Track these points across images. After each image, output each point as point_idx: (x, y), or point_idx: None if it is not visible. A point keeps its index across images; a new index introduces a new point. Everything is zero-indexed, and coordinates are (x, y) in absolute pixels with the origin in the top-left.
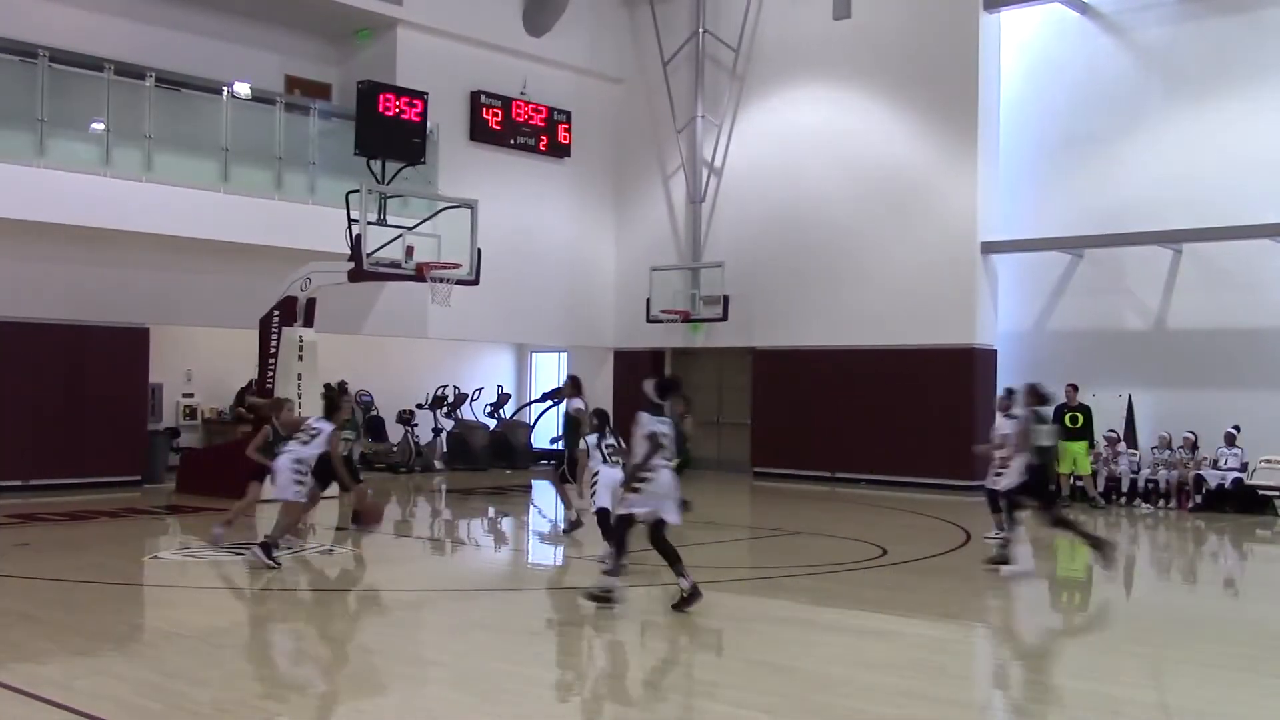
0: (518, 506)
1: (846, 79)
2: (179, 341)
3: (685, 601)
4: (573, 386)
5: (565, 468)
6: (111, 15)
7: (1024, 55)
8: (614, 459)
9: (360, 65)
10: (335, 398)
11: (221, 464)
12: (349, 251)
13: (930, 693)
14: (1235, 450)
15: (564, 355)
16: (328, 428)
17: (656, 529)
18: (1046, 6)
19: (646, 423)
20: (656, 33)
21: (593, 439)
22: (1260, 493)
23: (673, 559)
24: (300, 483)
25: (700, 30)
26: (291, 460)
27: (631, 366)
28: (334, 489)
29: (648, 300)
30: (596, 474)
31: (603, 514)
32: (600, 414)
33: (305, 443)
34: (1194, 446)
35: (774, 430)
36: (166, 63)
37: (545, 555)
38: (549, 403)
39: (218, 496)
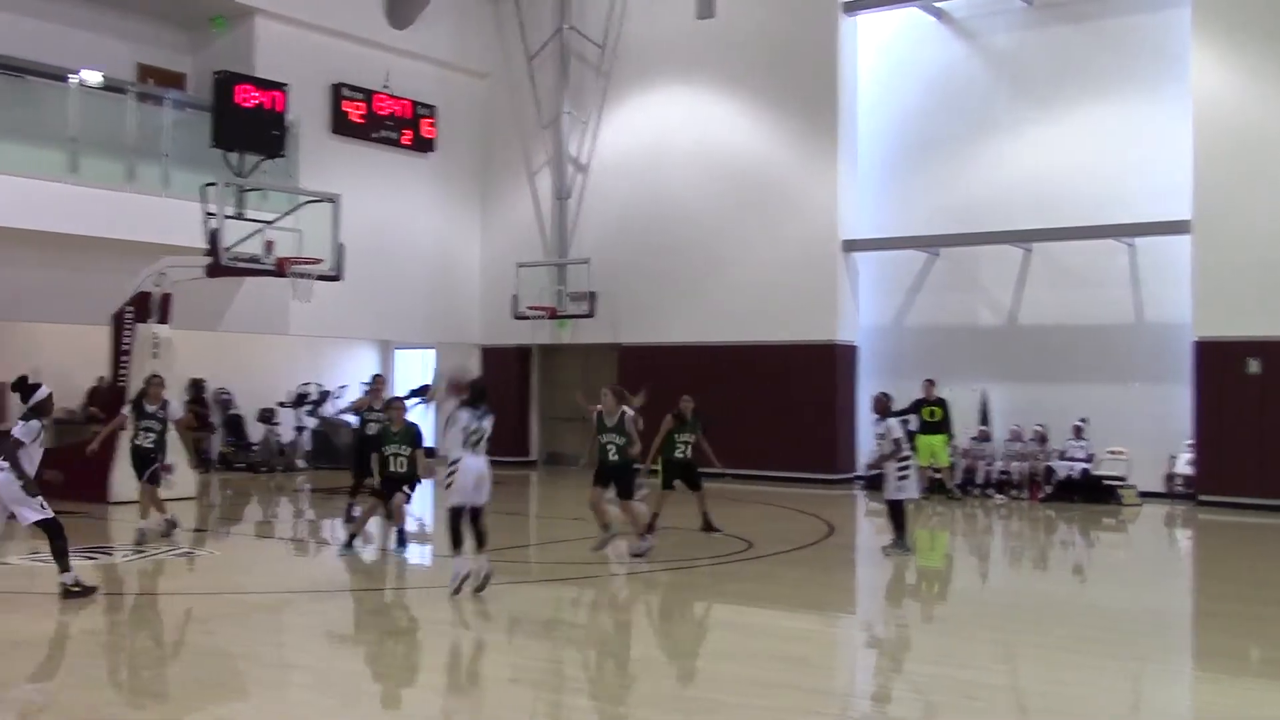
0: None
1: (710, 78)
2: (24, 338)
3: None
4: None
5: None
6: None
7: (882, 58)
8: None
9: (217, 55)
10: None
11: (72, 465)
12: (206, 246)
13: (793, 682)
14: (1082, 442)
15: (431, 351)
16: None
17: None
18: (903, 10)
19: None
20: (521, 27)
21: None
22: (1105, 483)
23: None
24: None
25: (565, 26)
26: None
27: (499, 363)
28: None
29: (514, 296)
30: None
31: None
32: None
33: None
34: (1044, 439)
35: (640, 426)
36: (9, 48)
37: (409, 555)
38: (417, 400)
39: (68, 499)
